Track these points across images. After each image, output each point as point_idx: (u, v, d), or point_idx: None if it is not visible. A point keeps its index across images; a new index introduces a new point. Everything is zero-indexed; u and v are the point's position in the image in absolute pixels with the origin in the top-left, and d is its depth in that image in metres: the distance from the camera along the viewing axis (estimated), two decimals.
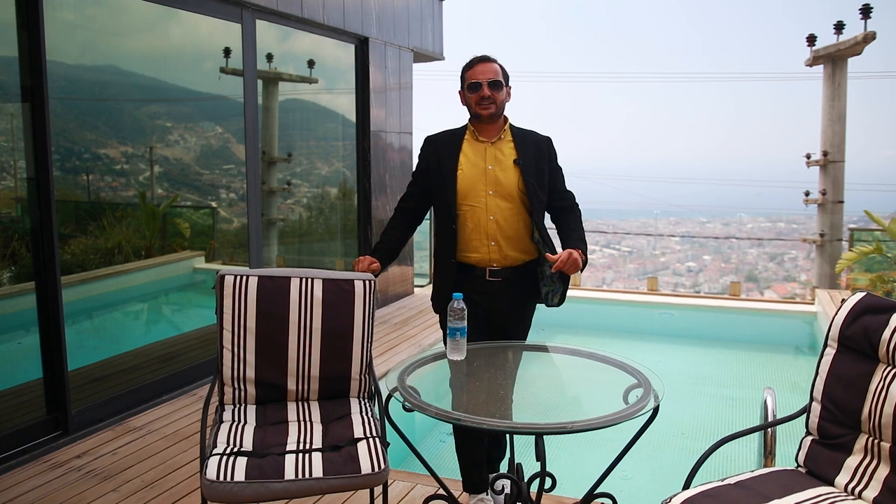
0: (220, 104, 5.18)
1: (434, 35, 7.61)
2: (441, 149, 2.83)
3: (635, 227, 27.32)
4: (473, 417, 1.97)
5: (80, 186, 4.59)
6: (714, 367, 6.86)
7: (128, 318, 5.24)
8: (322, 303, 2.62)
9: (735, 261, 27.09)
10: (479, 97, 2.72)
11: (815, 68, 8.92)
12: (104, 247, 4.76)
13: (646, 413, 2.10)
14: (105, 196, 4.70)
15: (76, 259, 4.52)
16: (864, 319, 2.09)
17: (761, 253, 26.65)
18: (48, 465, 3.36)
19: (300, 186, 6.71)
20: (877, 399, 1.98)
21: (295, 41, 5.88)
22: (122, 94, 4.65)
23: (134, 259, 4.95)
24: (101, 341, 4.90)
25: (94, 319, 5.06)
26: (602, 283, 24.13)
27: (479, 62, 2.76)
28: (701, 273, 26.49)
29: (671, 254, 27.86)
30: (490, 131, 2.80)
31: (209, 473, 2.13)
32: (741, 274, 25.91)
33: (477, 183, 2.74)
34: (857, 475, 1.98)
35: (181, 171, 5.30)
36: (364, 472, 2.18)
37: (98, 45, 4.34)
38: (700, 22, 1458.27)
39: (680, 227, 30.53)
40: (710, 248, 27.69)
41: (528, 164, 2.75)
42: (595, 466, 2.54)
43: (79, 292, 4.60)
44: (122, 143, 4.76)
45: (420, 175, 2.91)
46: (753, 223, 30.09)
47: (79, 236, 4.65)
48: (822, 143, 8.68)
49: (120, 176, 4.80)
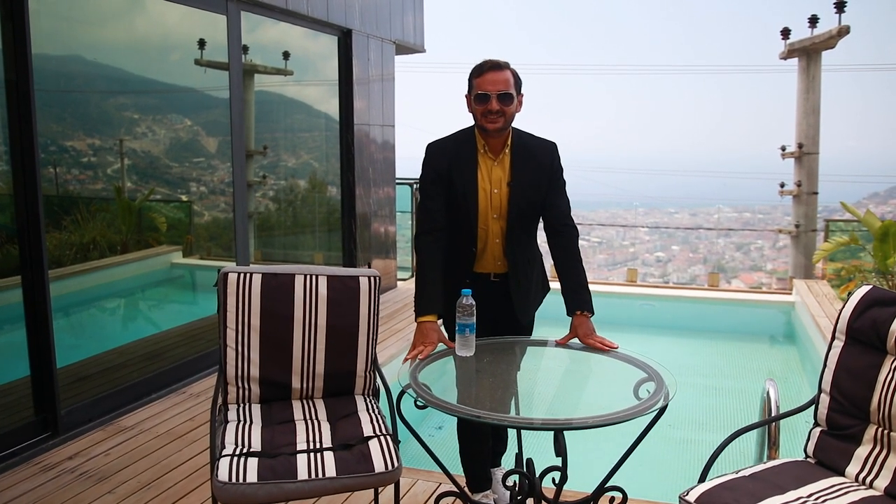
0: (197, 96, 5.10)
1: (416, 27, 7.57)
2: (454, 161, 2.61)
3: (605, 218, 27.48)
4: (492, 414, 1.97)
5: (57, 180, 4.49)
6: (694, 357, 6.95)
7: (107, 314, 5.14)
8: (327, 300, 2.59)
9: (703, 251, 27.47)
10: (487, 110, 2.50)
11: (789, 61, 9.05)
12: (79, 242, 4.66)
13: (658, 407, 2.11)
14: (80, 190, 4.60)
15: (51, 255, 4.42)
16: (872, 312, 2.12)
17: (728, 243, 27.03)
18: (40, 468, 3.29)
19: (278, 179, 6.64)
20: (886, 390, 2.02)
21: (271, 32, 5.79)
22: (102, 87, 4.55)
23: (110, 254, 4.86)
24: (81, 339, 4.80)
25: (71, 317, 4.95)
26: None
27: (490, 70, 2.51)
28: (669, 263, 26.83)
29: (640, 244, 28.15)
30: (497, 145, 2.61)
31: (220, 475, 2.10)
32: (709, 264, 26.27)
33: (487, 205, 2.62)
34: (868, 465, 2.02)
35: (156, 164, 5.21)
36: (378, 471, 2.17)
37: (77, 35, 4.24)
38: (676, 13, 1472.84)
39: (649, 218, 30.85)
40: (679, 238, 28.03)
41: (521, 186, 2.59)
42: (598, 459, 2.56)
43: (55, 289, 4.50)
44: (97, 136, 4.65)
45: (434, 187, 2.63)
46: (720, 213, 30.51)
47: (52, 231, 4.55)
48: (797, 136, 8.82)
49: (95, 169, 4.70)
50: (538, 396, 2.35)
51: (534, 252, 2.77)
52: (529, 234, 2.72)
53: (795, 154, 8.81)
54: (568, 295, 2.61)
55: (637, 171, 51.54)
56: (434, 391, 2.21)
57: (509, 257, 2.68)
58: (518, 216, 2.63)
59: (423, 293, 2.57)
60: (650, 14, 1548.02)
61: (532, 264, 2.76)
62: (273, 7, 5.18)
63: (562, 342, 2.58)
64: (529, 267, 2.74)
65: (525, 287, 2.74)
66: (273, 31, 5.78)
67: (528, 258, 2.73)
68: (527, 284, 2.74)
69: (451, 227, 2.70)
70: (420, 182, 2.72)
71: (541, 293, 2.86)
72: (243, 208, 5.11)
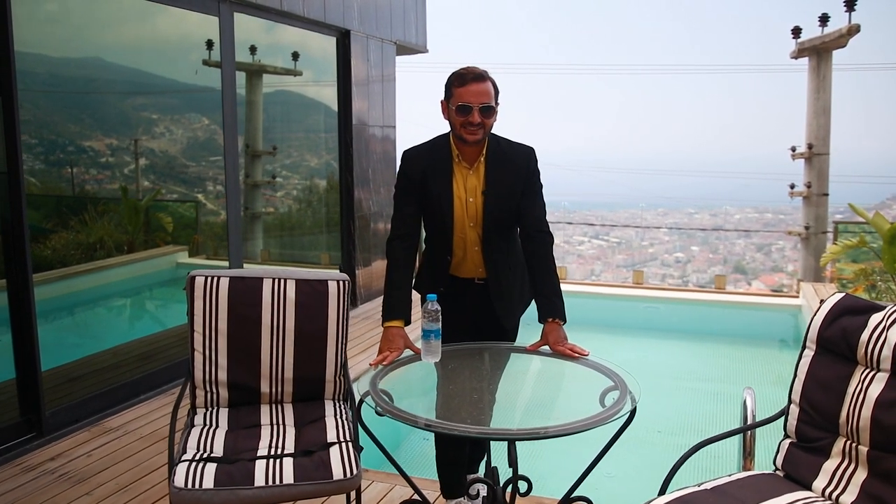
0: (202, 96, 5.11)
1: (417, 27, 7.54)
2: (428, 169, 2.58)
3: (624, 219, 27.37)
4: (444, 423, 1.93)
5: (64, 180, 4.55)
6: (698, 362, 6.86)
7: (108, 314, 5.18)
8: (295, 304, 2.57)
9: (723, 251, 27.24)
10: (468, 122, 2.45)
11: (800, 60, 8.91)
12: (86, 242, 4.69)
13: (622, 416, 2.07)
14: (87, 190, 4.65)
15: (57, 255, 4.45)
16: (843, 321, 2.06)
17: (749, 244, 26.80)
18: (21, 469, 3.30)
19: (286, 179, 6.66)
20: (855, 402, 1.95)
21: (280, 33, 5.80)
22: (104, 87, 4.59)
23: (116, 254, 4.89)
24: (82, 338, 4.84)
25: (75, 316, 4.99)
26: (591, 273, 24.20)
27: (473, 81, 2.46)
28: (689, 264, 26.62)
29: (659, 244, 27.98)
30: (472, 154, 2.58)
31: (177, 481, 2.09)
32: (729, 265, 26.04)
33: (463, 214, 2.60)
34: (835, 479, 1.96)
35: (164, 164, 5.25)
36: (336, 478, 2.14)
37: (78, 37, 4.27)
38: (685, 13, 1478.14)
39: (668, 219, 30.65)
40: (699, 238, 27.82)
41: (496, 194, 2.56)
42: (577, 466, 2.50)
43: (58, 288, 4.53)
44: (105, 136, 4.70)
45: (407, 195, 2.63)
46: (741, 214, 30.24)
47: (60, 231, 4.59)
48: (807, 136, 8.69)
49: (103, 169, 4.76)
50: (499, 404, 2.30)
51: (515, 258, 2.73)
52: (508, 240, 2.68)
53: (805, 155, 8.68)
54: (540, 301, 2.57)
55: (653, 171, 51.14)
56: (395, 398, 2.17)
57: (488, 264, 2.65)
58: (494, 224, 2.60)
59: (390, 299, 2.54)
60: (658, 14, 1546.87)
61: (514, 270, 2.72)
62: (268, 8, 5.17)
63: (532, 348, 2.54)
64: (511, 273, 2.70)
65: (507, 293, 2.70)
66: (285, 32, 5.80)
67: (509, 264, 2.69)
68: (509, 290, 2.71)
69: (430, 235, 2.69)
70: (395, 188, 2.71)
71: (526, 298, 2.82)
72: (236, 208, 5.11)
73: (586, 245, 27.57)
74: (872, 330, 1.97)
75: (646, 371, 2.62)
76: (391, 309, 2.52)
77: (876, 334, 1.96)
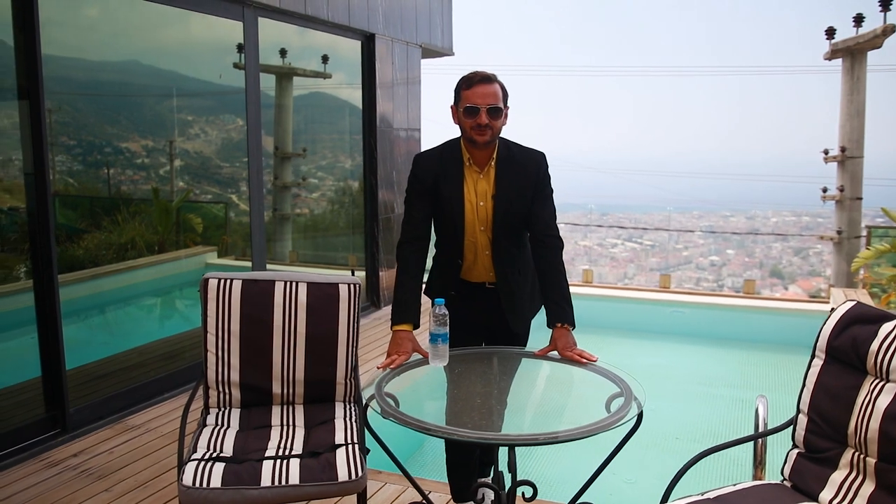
0: (235, 98, 5.21)
1: (443, 30, 7.56)
2: (440, 173, 2.60)
3: (657, 222, 27.03)
4: (444, 427, 1.94)
5: (101, 180, 4.70)
6: (724, 368, 6.76)
7: (137, 313, 5.29)
8: (306, 307, 2.60)
9: (759, 255, 26.82)
10: (476, 123, 2.48)
11: (833, 62, 8.75)
12: (117, 242, 4.81)
13: (627, 422, 2.06)
14: (122, 190, 4.80)
15: (89, 254, 4.57)
16: (853, 330, 2.03)
17: (786, 247, 26.36)
18: (44, 464, 3.39)
19: (318, 181, 6.75)
20: (863, 413, 1.92)
21: (310, 36, 5.89)
22: (140, 91, 4.74)
23: (147, 254, 5.00)
24: (111, 336, 4.95)
25: (106, 314, 5.11)
26: (624, 276, 24.00)
27: (479, 83, 2.49)
28: (724, 267, 26.25)
29: (694, 248, 27.64)
30: (483, 158, 2.59)
31: (185, 479, 2.13)
32: (765, 268, 25.62)
33: (474, 218, 2.61)
34: (843, 491, 1.93)
35: (199, 165, 5.38)
36: (341, 480, 2.16)
37: (114, 42, 4.40)
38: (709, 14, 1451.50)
39: (703, 221, 30.23)
40: (734, 242, 27.41)
41: (506, 198, 2.57)
42: (588, 472, 2.49)
43: (89, 287, 4.65)
44: (141, 137, 4.84)
45: (418, 198, 2.64)
46: (778, 217, 29.71)
47: (93, 231, 4.71)
48: (840, 139, 8.52)
49: (138, 170, 4.91)
50: (505, 409, 2.30)
51: (525, 262, 2.73)
52: (518, 245, 2.68)
53: (838, 158, 8.52)
54: (549, 307, 2.58)
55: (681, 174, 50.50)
56: (401, 401, 2.19)
57: (497, 268, 2.65)
58: (503, 228, 2.61)
59: (399, 303, 2.56)
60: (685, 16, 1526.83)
61: (523, 275, 2.72)
62: (292, 13, 5.23)
63: (541, 354, 2.54)
64: (521, 277, 2.71)
65: (518, 297, 2.70)
66: (315, 35, 5.90)
67: (518, 269, 2.70)
68: (520, 294, 2.71)
69: (441, 239, 2.70)
70: (406, 192, 2.72)
71: (536, 303, 2.82)
72: (260, 209, 5.18)
73: (619, 248, 27.34)
74: (883, 339, 1.94)
75: (670, 376, 2.58)
76: (400, 313, 2.54)
77: (886, 344, 1.92)
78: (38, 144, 3.51)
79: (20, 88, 3.48)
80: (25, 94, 3.48)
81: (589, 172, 29.58)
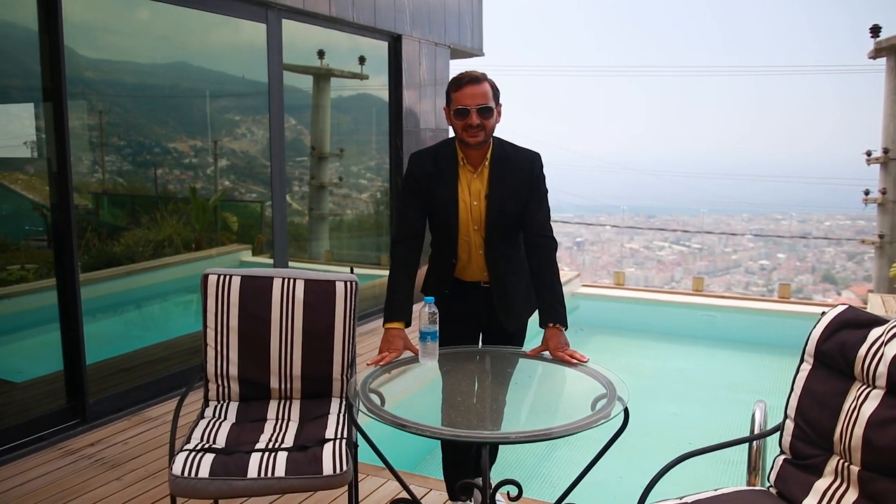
0: None
1: (473, 31, 7.56)
2: (434, 172, 2.61)
3: (707, 224, 26.48)
4: (418, 424, 1.95)
5: (148, 179, 4.89)
6: (754, 373, 6.62)
7: (172, 308, 5.45)
8: (303, 303, 2.65)
9: (811, 260, 26.10)
10: (467, 124, 2.48)
11: (877, 61, 8.48)
12: (155, 239, 4.95)
13: (610, 420, 2.04)
14: (162, 189, 4.98)
15: (127, 251, 4.73)
16: (842, 334, 1.98)
17: (839, 252, 25.60)
18: (62, 452, 3.50)
19: (353, 181, 6.85)
20: (848, 419, 1.87)
21: (347, 36, 5.98)
22: (185, 92, 4.95)
23: (183, 252, 5.14)
24: (145, 330, 5.12)
25: (141, 309, 5.28)
26: (671, 279, 23.59)
27: (468, 84, 2.49)
28: (774, 271, 25.62)
29: (743, 251, 27.03)
30: (477, 158, 2.59)
31: (175, 469, 2.19)
32: (818, 273, 24.93)
33: (468, 217, 2.61)
34: (825, 499, 1.88)
35: (244, 165, 5.53)
36: (326, 474, 2.20)
37: (162, 46, 4.58)
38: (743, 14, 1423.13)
39: (754, 224, 29.56)
40: (785, 246, 26.71)
41: (499, 198, 2.57)
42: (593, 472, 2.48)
43: (125, 283, 4.81)
44: (173, 139, 5.00)
45: (413, 197, 2.65)
46: (831, 220, 28.86)
47: (133, 228, 4.87)
48: (884, 140, 8.25)
49: (186, 169, 5.09)
50: (490, 408, 2.31)
51: (520, 262, 2.72)
52: (512, 245, 2.68)
53: (881, 159, 8.25)
54: (542, 307, 2.57)
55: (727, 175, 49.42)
56: (387, 399, 2.21)
57: (491, 268, 2.66)
58: (496, 228, 2.61)
59: (391, 301, 2.58)
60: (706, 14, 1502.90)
61: (518, 275, 2.71)
62: (316, 14, 5.30)
63: (532, 354, 2.53)
64: (515, 277, 2.70)
65: (512, 297, 2.70)
66: (351, 35, 6.01)
67: (512, 269, 2.69)
68: (512, 294, 2.71)
69: (436, 237, 2.71)
70: (401, 191, 2.75)
71: (531, 303, 2.81)
72: (282, 208, 5.26)
73: (667, 250, 26.90)
74: (871, 345, 1.89)
75: (698, 381, 2.52)
76: (392, 310, 2.56)
77: (874, 349, 1.87)
78: (62, 143, 3.63)
79: (44, 90, 3.61)
80: (49, 96, 3.60)
81: (631, 174, 29.19)
